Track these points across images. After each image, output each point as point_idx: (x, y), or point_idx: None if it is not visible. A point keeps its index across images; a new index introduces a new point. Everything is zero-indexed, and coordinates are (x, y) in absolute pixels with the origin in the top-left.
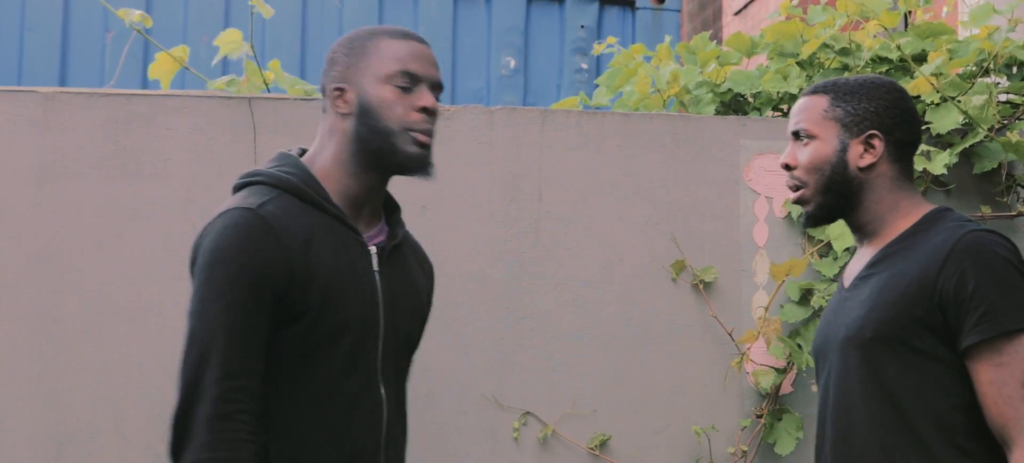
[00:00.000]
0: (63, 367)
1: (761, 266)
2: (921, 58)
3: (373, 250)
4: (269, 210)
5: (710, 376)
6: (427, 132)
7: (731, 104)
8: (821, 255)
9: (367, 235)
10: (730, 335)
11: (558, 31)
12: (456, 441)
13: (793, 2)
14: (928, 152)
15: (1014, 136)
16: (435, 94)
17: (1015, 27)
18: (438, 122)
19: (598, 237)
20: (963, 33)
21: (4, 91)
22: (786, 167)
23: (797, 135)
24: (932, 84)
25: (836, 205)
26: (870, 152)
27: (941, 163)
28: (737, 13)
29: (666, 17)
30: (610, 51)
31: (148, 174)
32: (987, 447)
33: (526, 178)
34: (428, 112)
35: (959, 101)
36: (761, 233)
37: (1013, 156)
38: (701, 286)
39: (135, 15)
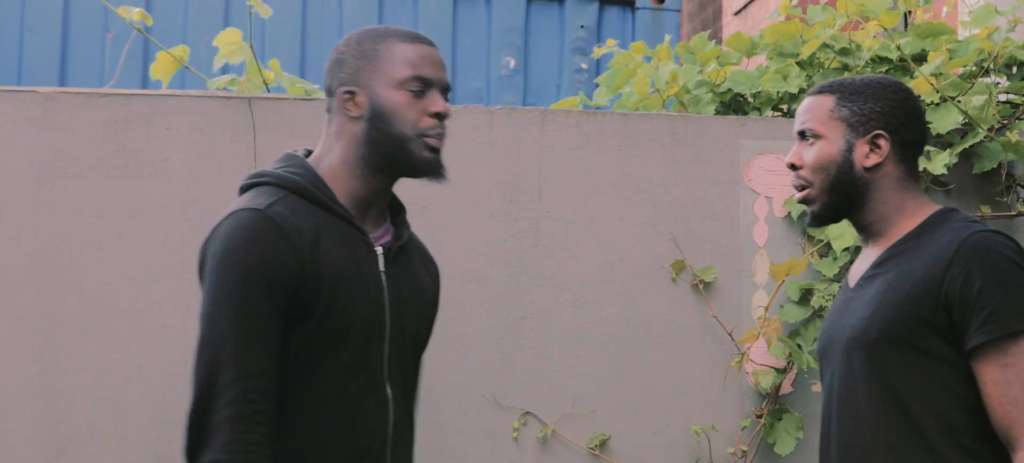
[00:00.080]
0: (63, 367)
1: (761, 266)
2: (921, 58)
3: (379, 251)
4: (277, 210)
5: (710, 376)
6: (439, 136)
7: (731, 104)
8: (821, 255)
9: (373, 236)
10: (730, 335)
11: (558, 31)
12: (456, 441)
13: (793, 2)
14: (928, 152)
15: (1014, 136)
16: (444, 96)
17: (1015, 27)
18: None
19: (598, 237)
20: (963, 33)
21: (4, 91)
22: (792, 167)
23: (803, 135)
24: (932, 84)
25: (841, 205)
26: (876, 152)
27: (941, 163)
28: (737, 13)
29: (666, 17)
30: (610, 51)
31: (148, 174)
32: (993, 448)
33: (526, 178)
34: (440, 116)
35: (959, 101)
36: (761, 233)
37: (1013, 156)
38: (701, 286)
39: (135, 13)
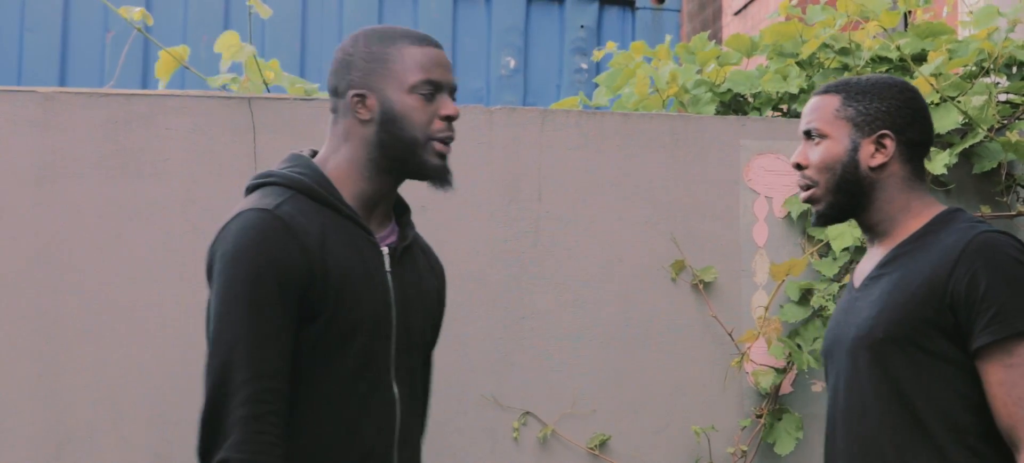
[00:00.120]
0: (63, 367)
1: (761, 266)
2: (921, 58)
3: (385, 250)
4: (286, 210)
5: (710, 376)
6: (449, 139)
7: (731, 104)
8: (821, 255)
9: (379, 236)
10: (730, 335)
11: (558, 31)
12: (456, 441)
13: (792, 2)
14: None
15: (1014, 136)
16: (452, 97)
17: (1015, 27)
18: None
19: (598, 237)
20: (963, 33)
21: (4, 91)
22: (797, 166)
23: (809, 134)
24: (932, 84)
25: (847, 205)
26: (881, 152)
27: (941, 163)
28: (737, 13)
29: (666, 17)
30: (610, 53)
31: (148, 174)
32: (999, 448)
33: (526, 178)
34: (450, 119)
35: (959, 101)
36: (761, 233)
37: (1013, 156)
38: (701, 286)
39: (136, 13)
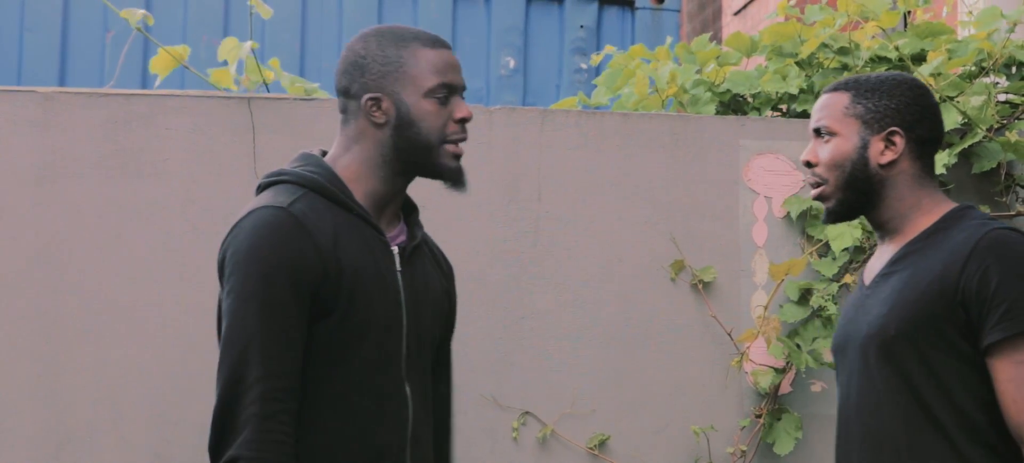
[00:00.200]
0: (63, 367)
1: (760, 266)
2: (920, 58)
3: (395, 250)
4: (298, 208)
5: (709, 376)
6: (462, 141)
7: (730, 104)
8: (820, 255)
9: (389, 235)
10: (729, 335)
11: (558, 31)
12: (455, 441)
13: (791, 2)
14: None
15: (1013, 136)
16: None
17: (1015, 28)
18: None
19: (597, 237)
20: (962, 33)
21: (3, 91)
22: (807, 164)
23: (818, 132)
24: (931, 84)
25: (857, 202)
26: (891, 149)
27: (940, 163)
28: (737, 13)
29: (666, 17)
30: (609, 54)
31: (148, 174)
32: (1012, 444)
33: (525, 178)
34: (464, 122)
35: (957, 101)
36: (760, 233)
37: (1012, 156)
38: (700, 286)
39: (137, 14)
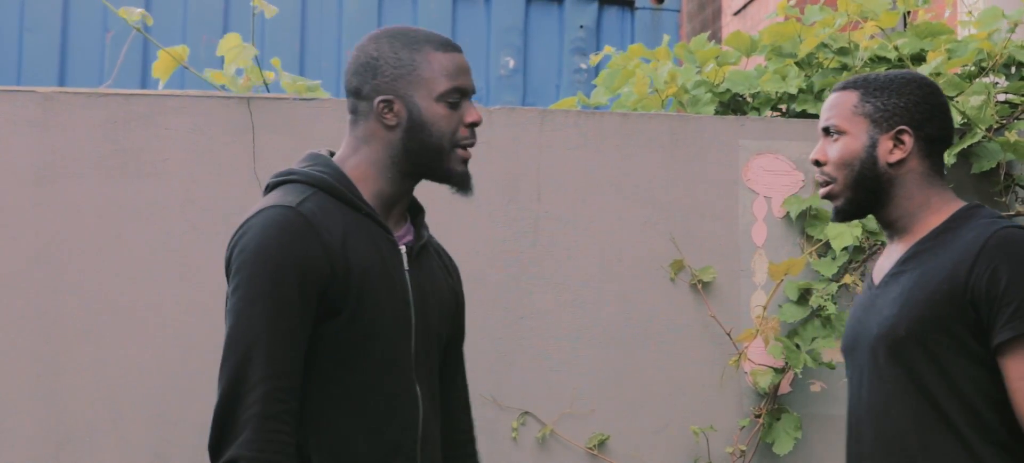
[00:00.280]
0: (62, 367)
1: (760, 266)
2: (919, 58)
3: (403, 249)
4: (308, 208)
5: (708, 376)
6: (471, 145)
7: (730, 104)
8: (820, 255)
9: (396, 235)
10: (729, 335)
11: (557, 31)
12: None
13: (791, 2)
14: None
15: (1012, 136)
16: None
17: (1015, 28)
18: None
19: (597, 237)
20: (962, 33)
21: (3, 91)
22: (816, 163)
23: (827, 131)
24: None
25: (866, 201)
26: (900, 148)
27: None
28: (736, 13)
29: (665, 17)
30: (609, 55)
31: (147, 174)
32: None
33: (525, 178)
34: (474, 125)
35: (957, 101)
36: (759, 233)
37: (1011, 156)
38: (700, 286)
39: (136, 14)
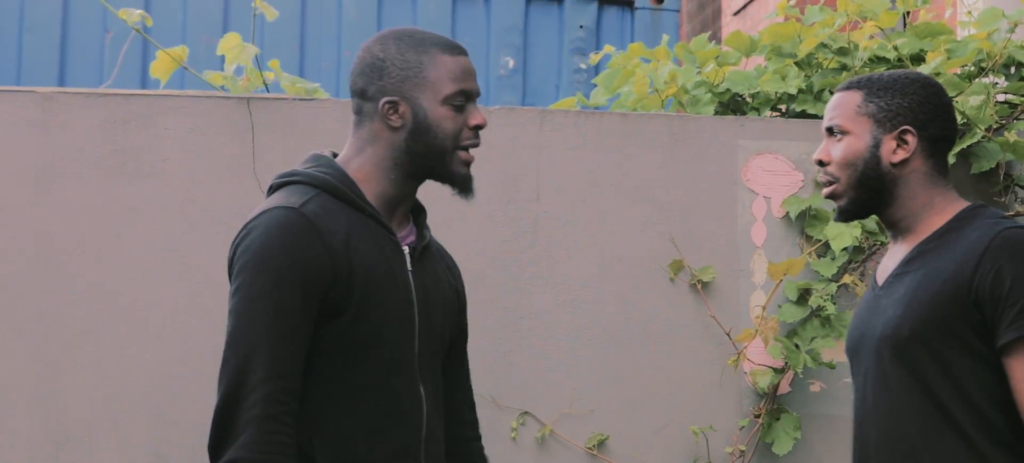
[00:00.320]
0: (61, 367)
1: (759, 266)
2: (919, 58)
3: (406, 249)
4: (311, 209)
5: (708, 376)
6: (475, 147)
7: (729, 104)
8: (819, 255)
9: (399, 236)
10: (728, 335)
11: (557, 31)
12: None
13: (790, 2)
14: None
15: (1012, 136)
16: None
17: (1015, 28)
18: None
19: (596, 237)
20: (962, 33)
21: (3, 91)
22: (820, 163)
23: (831, 131)
24: None
25: (869, 201)
26: (903, 148)
27: None
28: (736, 13)
29: (665, 17)
30: (608, 54)
31: (147, 174)
32: None
33: (524, 178)
34: (478, 128)
35: (956, 101)
36: (759, 233)
37: (1011, 156)
38: (699, 286)
39: (136, 15)
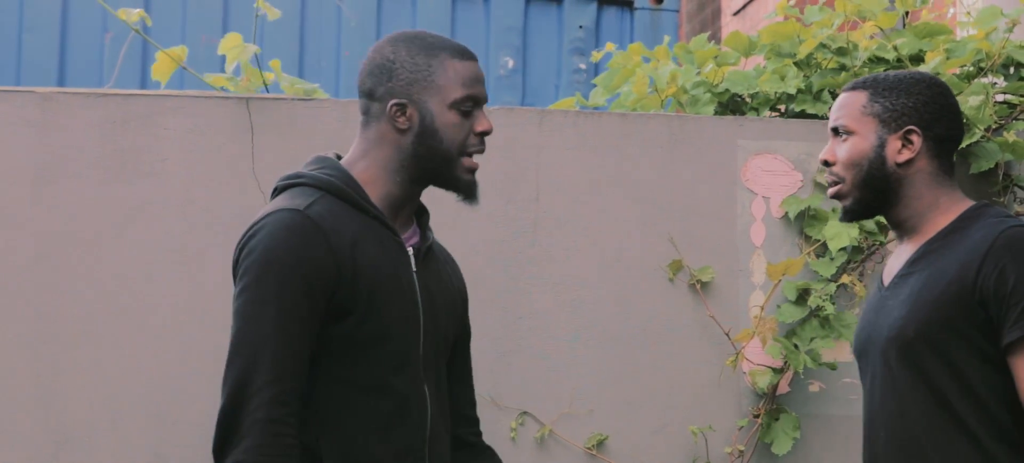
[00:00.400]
0: (62, 367)
1: (758, 266)
2: (918, 58)
3: (410, 251)
4: (316, 211)
5: (707, 376)
6: (481, 153)
7: (728, 104)
8: (818, 255)
9: (403, 237)
10: (727, 335)
11: (556, 31)
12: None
13: (790, 2)
14: None
15: (1011, 136)
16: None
17: (1013, 28)
18: None
19: (595, 237)
20: (961, 33)
21: (2, 91)
22: (825, 163)
23: (836, 131)
24: None
25: (874, 201)
26: (908, 148)
27: None
28: (736, 13)
29: (665, 17)
30: (610, 52)
31: (146, 174)
32: None
33: (523, 178)
34: (484, 134)
35: None
36: (758, 233)
37: (1010, 156)
38: (698, 286)
39: (135, 15)
